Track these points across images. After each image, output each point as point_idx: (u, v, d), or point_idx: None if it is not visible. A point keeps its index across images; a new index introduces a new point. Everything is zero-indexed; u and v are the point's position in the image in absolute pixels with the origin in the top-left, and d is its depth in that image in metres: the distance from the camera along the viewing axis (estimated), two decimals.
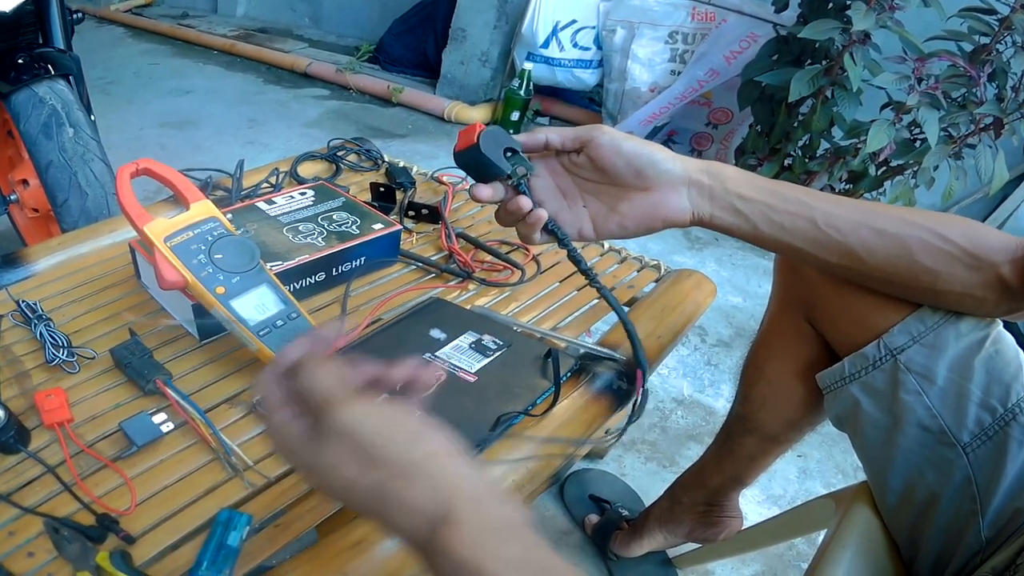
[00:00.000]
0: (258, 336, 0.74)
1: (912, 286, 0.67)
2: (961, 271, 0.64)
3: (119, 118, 2.79)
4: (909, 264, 0.65)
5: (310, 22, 4.36)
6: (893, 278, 0.67)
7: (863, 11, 1.83)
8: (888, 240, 0.65)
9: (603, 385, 0.85)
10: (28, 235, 1.66)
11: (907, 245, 0.64)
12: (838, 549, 0.75)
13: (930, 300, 0.69)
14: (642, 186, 0.66)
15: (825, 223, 0.65)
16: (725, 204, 0.66)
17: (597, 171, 0.68)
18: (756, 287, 2.17)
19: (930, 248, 0.64)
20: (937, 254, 0.64)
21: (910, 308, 0.71)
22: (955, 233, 0.63)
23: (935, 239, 0.64)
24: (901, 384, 0.70)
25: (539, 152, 0.70)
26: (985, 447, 0.67)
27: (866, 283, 0.70)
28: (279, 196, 1.04)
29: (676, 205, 0.66)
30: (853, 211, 0.66)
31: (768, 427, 0.94)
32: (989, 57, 1.89)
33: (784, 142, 2.27)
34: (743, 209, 0.66)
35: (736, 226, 0.67)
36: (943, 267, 0.64)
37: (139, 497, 0.64)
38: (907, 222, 0.65)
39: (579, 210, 0.70)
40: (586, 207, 0.70)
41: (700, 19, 2.64)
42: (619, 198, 0.68)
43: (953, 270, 0.64)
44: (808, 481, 1.51)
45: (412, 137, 2.99)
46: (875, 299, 0.72)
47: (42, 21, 1.47)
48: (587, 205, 0.70)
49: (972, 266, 0.63)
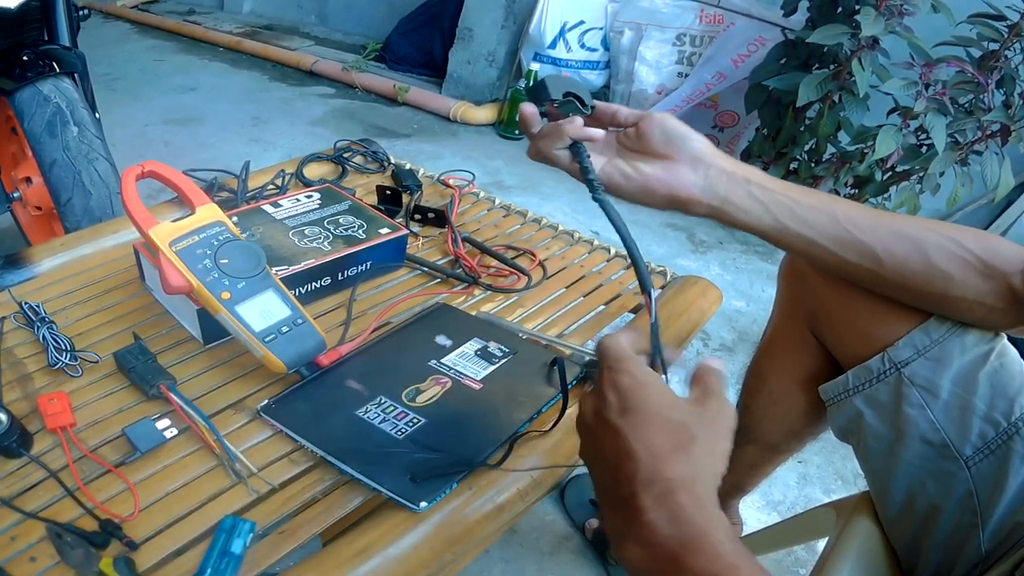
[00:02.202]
0: (263, 342, 0.74)
1: (926, 290, 0.67)
2: (975, 278, 0.64)
3: (124, 114, 2.80)
4: (925, 267, 0.65)
5: (316, 20, 4.36)
6: (908, 281, 0.67)
7: (872, 16, 1.83)
8: (906, 241, 0.65)
9: None
10: (31, 233, 1.66)
11: (924, 248, 0.64)
12: (839, 559, 0.76)
13: (941, 307, 0.69)
14: (666, 153, 0.66)
15: (846, 220, 0.66)
16: (744, 192, 0.66)
17: (638, 138, 0.68)
18: (760, 291, 2.17)
19: (946, 252, 0.64)
20: (952, 259, 0.64)
21: (915, 321, 0.70)
22: (969, 241, 0.64)
23: (951, 244, 0.64)
24: (905, 398, 0.70)
25: (608, 120, 0.71)
26: (987, 461, 0.67)
27: (880, 287, 0.70)
28: (285, 199, 1.04)
29: (688, 178, 0.66)
30: (872, 213, 0.67)
31: (769, 437, 0.94)
32: (997, 63, 1.88)
33: (790, 146, 2.27)
34: (763, 198, 0.66)
35: (756, 217, 0.66)
36: (958, 272, 0.64)
37: (142, 503, 0.64)
38: (923, 227, 0.65)
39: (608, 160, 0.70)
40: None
41: (708, 22, 2.63)
42: (643, 159, 0.67)
43: (967, 276, 0.64)
44: (808, 487, 1.50)
45: (417, 137, 2.98)
46: (880, 311, 0.72)
47: (47, 18, 1.47)
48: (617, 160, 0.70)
49: (985, 274, 0.64)
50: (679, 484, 0.44)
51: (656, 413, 0.47)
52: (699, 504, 0.44)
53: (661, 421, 0.47)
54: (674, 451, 0.46)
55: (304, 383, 0.77)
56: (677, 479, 0.44)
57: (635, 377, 0.50)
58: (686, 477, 0.45)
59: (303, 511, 0.65)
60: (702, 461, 0.46)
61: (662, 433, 0.46)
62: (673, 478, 0.44)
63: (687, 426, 0.47)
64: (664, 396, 0.49)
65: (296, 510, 0.65)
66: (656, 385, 0.50)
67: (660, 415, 0.47)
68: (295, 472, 0.69)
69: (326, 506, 0.66)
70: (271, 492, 0.67)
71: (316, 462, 0.70)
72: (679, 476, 0.45)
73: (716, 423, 0.49)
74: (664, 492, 0.44)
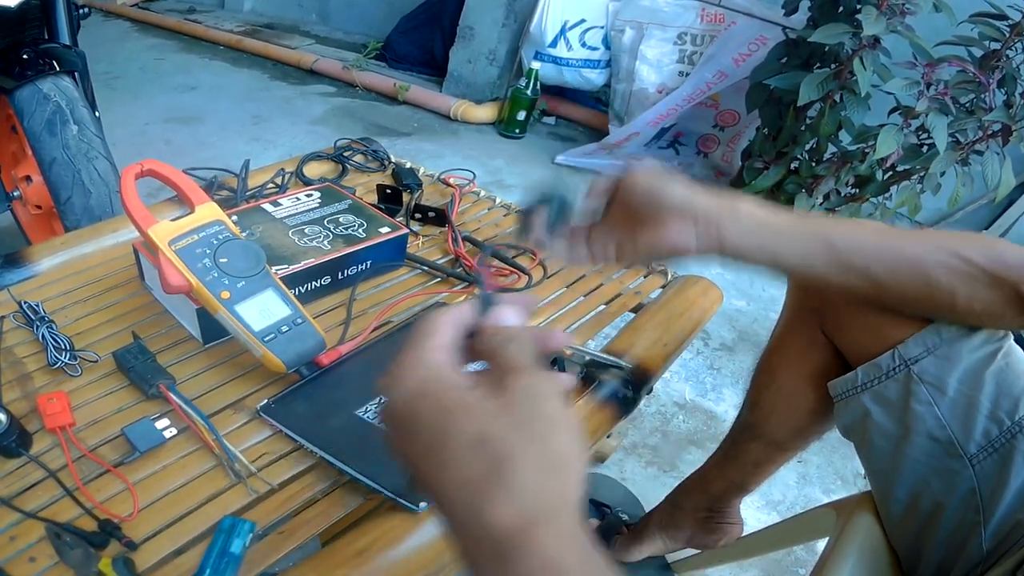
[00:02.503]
0: (263, 342, 0.74)
1: (932, 308, 0.68)
2: (983, 292, 0.64)
3: (124, 113, 2.79)
4: (929, 289, 0.65)
5: (317, 18, 4.36)
6: (913, 301, 0.68)
7: (874, 15, 1.82)
8: (909, 265, 0.65)
9: (608, 393, 0.84)
10: (31, 232, 1.66)
11: (928, 270, 0.64)
12: (839, 559, 0.76)
13: (950, 319, 0.69)
14: (651, 215, 0.66)
15: (845, 246, 0.65)
16: (736, 230, 0.65)
17: (623, 210, 0.69)
18: (760, 291, 2.17)
19: (950, 269, 0.64)
20: (957, 275, 0.64)
21: (926, 319, 0.71)
22: (975, 253, 0.63)
23: (956, 260, 0.64)
24: (913, 394, 0.71)
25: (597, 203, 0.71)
26: (991, 459, 0.67)
27: (886, 305, 0.71)
28: (285, 198, 1.04)
29: (679, 237, 0.66)
30: (873, 234, 0.66)
31: (775, 434, 0.94)
32: (999, 63, 1.88)
33: (791, 146, 2.27)
34: (756, 231, 0.66)
35: (751, 254, 0.66)
36: (962, 288, 0.64)
37: (141, 503, 0.64)
38: (927, 245, 0.65)
39: (607, 244, 0.71)
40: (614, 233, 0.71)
41: (709, 21, 2.63)
42: (637, 227, 0.68)
43: (975, 292, 0.64)
44: (807, 487, 1.50)
45: (418, 135, 2.98)
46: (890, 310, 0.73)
47: (48, 16, 1.46)
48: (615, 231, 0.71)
49: (992, 285, 0.63)
50: (513, 538, 0.33)
51: (445, 430, 0.36)
52: (558, 567, 0.32)
53: (457, 443, 0.35)
54: (489, 486, 0.34)
55: (304, 383, 0.77)
56: (506, 530, 0.33)
57: (429, 370, 0.39)
58: (518, 524, 0.33)
59: (302, 511, 0.65)
60: (534, 487, 0.34)
61: (464, 463, 0.35)
62: (501, 530, 0.33)
63: (491, 439, 0.35)
64: (456, 397, 0.37)
65: (295, 510, 0.65)
66: (449, 383, 0.38)
67: (454, 431, 0.36)
68: (294, 472, 0.69)
69: (325, 506, 0.66)
70: (270, 492, 0.67)
71: (316, 462, 0.70)
72: (507, 526, 0.33)
73: (534, 419, 0.36)
74: (500, 556, 0.33)
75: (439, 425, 0.37)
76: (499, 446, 0.35)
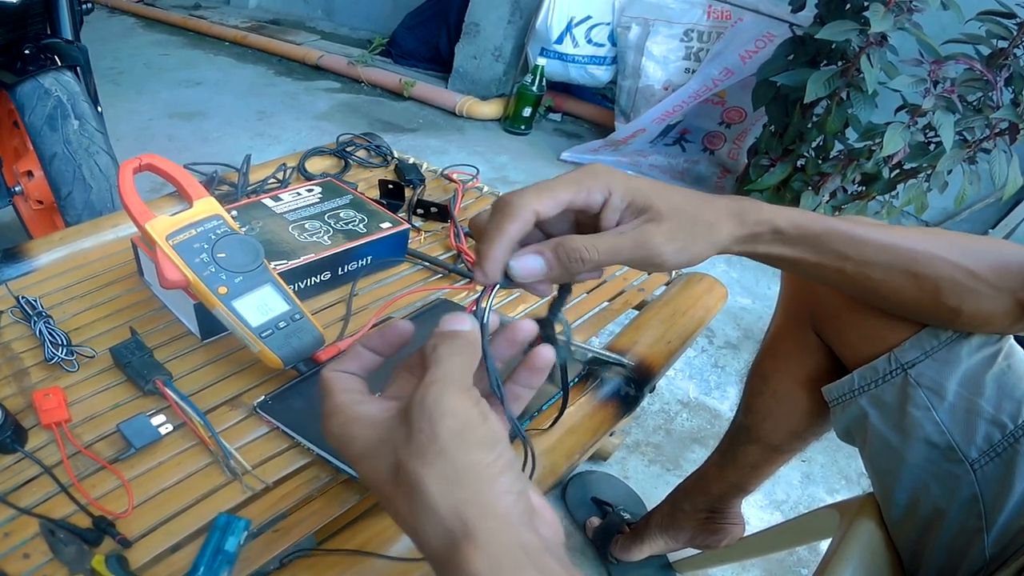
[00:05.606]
0: (260, 338, 0.73)
1: (936, 318, 0.66)
2: (988, 304, 0.61)
3: (128, 108, 2.79)
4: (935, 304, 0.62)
5: (323, 14, 4.35)
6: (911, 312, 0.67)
7: (881, 12, 1.81)
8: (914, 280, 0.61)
9: (611, 391, 0.84)
10: (33, 227, 1.66)
11: (938, 285, 0.61)
12: (842, 560, 0.75)
13: (951, 327, 0.67)
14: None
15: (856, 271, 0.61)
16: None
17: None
18: (765, 289, 2.16)
19: (959, 287, 0.60)
20: (966, 292, 0.61)
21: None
22: (985, 267, 0.60)
23: (966, 278, 0.60)
24: (910, 399, 0.69)
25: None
26: (993, 464, 0.66)
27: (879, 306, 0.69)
28: (285, 193, 1.03)
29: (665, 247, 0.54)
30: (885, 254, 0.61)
31: (771, 437, 0.93)
32: (1006, 61, 1.87)
33: (798, 143, 2.26)
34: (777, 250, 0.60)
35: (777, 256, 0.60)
36: (969, 304, 0.61)
37: (136, 500, 0.63)
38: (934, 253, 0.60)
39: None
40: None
41: (716, 17, 2.62)
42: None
43: (980, 305, 0.61)
44: (811, 487, 1.49)
45: (423, 132, 2.98)
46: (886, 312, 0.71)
47: (50, 11, 1.46)
48: None
49: (995, 297, 0.61)
50: (445, 560, 0.36)
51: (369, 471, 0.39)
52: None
53: (382, 480, 0.39)
54: (412, 514, 0.37)
55: (301, 379, 0.77)
56: (437, 553, 0.36)
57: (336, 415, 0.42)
58: (445, 544, 0.36)
59: (298, 509, 0.65)
60: (445, 505, 0.36)
61: (393, 497, 0.38)
62: (435, 554, 0.36)
63: (402, 468, 0.38)
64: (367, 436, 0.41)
65: (291, 508, 0.65)
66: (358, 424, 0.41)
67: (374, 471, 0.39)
68: (291, 469, 0.68)
69: (321, 504, 0.66)
70: (266, 490, 0.66)
71: (312, 459, 0.69)
72: (437, 547, 0.36)
73: (436, 437, 0.37)
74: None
75: (362, 469, 0.40)
76: (409, 473, 0.37)
